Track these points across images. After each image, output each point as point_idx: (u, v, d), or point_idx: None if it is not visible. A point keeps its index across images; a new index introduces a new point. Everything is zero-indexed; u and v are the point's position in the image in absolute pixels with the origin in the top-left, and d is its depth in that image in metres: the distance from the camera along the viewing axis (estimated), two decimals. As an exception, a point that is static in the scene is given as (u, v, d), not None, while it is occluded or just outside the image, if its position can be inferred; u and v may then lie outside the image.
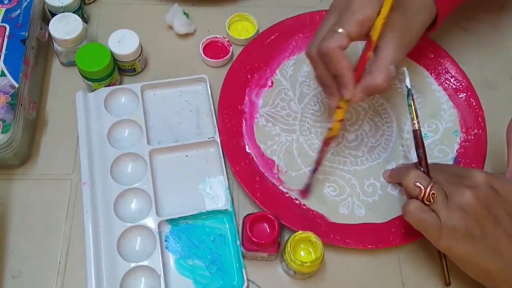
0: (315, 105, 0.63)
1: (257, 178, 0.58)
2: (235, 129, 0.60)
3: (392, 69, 0.50)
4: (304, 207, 0.57)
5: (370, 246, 0.54)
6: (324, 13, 0.67)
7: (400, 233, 0.55)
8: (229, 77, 0.62)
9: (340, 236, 0.55)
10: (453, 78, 0.64)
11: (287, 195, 0.58)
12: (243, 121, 0.61)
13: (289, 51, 0.66)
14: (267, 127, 0.61)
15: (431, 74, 0.65)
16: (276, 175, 0.59)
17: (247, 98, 0.63)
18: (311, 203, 0.57)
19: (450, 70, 0.65)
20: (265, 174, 0.58)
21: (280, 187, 0.58)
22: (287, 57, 0.66)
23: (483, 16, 0.72)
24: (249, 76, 0.64)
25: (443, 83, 0.65)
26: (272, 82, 0.64)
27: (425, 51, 0.66)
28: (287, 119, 0.62)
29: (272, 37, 0.66)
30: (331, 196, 0.58)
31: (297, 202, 0.57)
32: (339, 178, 0.59)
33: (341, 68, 0.49)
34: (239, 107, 0.62)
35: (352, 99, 0.51)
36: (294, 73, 0.65)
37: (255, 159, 0.59)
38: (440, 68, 0.65)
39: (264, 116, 0.62)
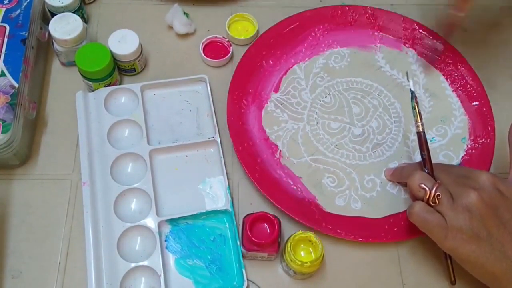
0: (326, 97, 0.63)
1: (258, 160, 0.58)
2: (243, 111, 0.61)
3: None
4: (301, 193, 0.57)
5: (360, 239, 0.54)
6: (347, 8, 0.68)
7: (392, 231, 0.55)
8: (244, 60, 0.63)
9: (332, 225, 0.55)
10: (469, 85, 0.64)
11: (284, 179, 0.58)
12: (252, 104, 0.62)
13: (307, 41, 0.67)
14: (275, 113, 0.62)
15: (446, 80, 0.65)
16: (278, 160, 0.59)
17: (259, 82, 0.63)
18: (308, 191, 0.58)
19: (466, 77, 0.64)
20: (267, 157, 0.59)
21: (279, 171, 0.58)
22: (304, 47, 0.66)
23: (483, 16, 0.72)
24: (264, 62, 0.64)
25: (458, 90, 0.64)
26: (286, 70, 0.65)
27: (444, 56, 0.66)
28: (297, 107, 0.63)
29: (292, 26, 0.66)
30: (329, 186, 0.58)
31: (294, 187, 0.58)
32: (339, 170, 0.59)
33: None
34: (250, 90, 0.62)
35: None
36: (309, 64, 0.65)
37: (258, 141, 0.60)
38: (456, 74, 0.65)
39: (274, 102, 0.63)
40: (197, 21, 0.69)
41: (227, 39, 0.67)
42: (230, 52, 0.66)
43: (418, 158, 0.60)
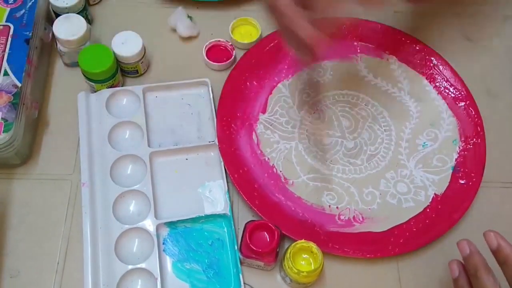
0: (314, 112, 0.63)
1: (256, 186, 0.58)
2: (233, 136, 0.61)
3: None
4: (302, 215, 0.57)
5: (368, 255, 0.54)
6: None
7: (399, 242, 0.55)
8: (228, 84, 0.63)
9: (339, 245, 0.55)
10: (453, 87, 0.64)
11: (284, 202, 0.58)
12: (242, 128, 0.62)
13: (288, 58, 0.66)
14: (266, 134, 0.62)
15: (430, 83, 0.65)
16: (275, 183, 0.59)
17: (246, 105, 0.63)
18: (310, 212, 0.57)
19: (449, 79, 0.65)
20: (264, 181, 0.59)
21: (278, 194, 0.58)
22: (286, 64, 0.66)
23: (486, 26, 0.72)
24: (248, 83, 0.64)
25: (443, 92, 0.65)
26: (271, 89, 0.64)
27: (425, 59, 0.66)
28: (286, 126, 0.62)
29: (272, 44, 0.66)
30: (330, 204, 0.58)
31: (294, 210, 0.57)
32: (337, 186, 0.59)
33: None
34: (238, 114, 0.62)
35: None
36: (293, 81, 0.65)
37: (253, 166, 0.59)
38: (439, 77, 0.65)
39: (263, 123, 0.62)
40: (201, 25, 0.69)
41: (230, 43, 0.67)
42: (233, 56, 0.66)
43: (412, 165, 0.60)
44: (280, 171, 0.59)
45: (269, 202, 0.57)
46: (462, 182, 0.59)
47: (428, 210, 0.58)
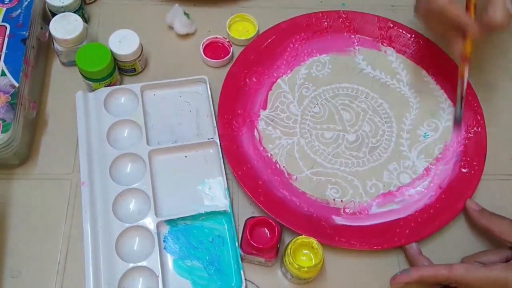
0: (314, 107, 0.63)
1: (260, 182, 0.58)
2: (236, 134, 0.60)
3: (508, 4, 0.51)
4: (308, 210, 0.57)
5: (375, 247, 0.54)
6: (321, 14, 0.67)
7: (404, 233, 0.55)
8: (227, 81, 0.62)
9: (345, 238, 0.55)
10: (451, 77, 0.64)
11: (290, 198, 0.57)
12: (244, 125, 0.61)
13: (286, 53, 0.66)
14: (268, 131, 0.61)
15: (429, 74, 0.65)
16: (279, 179, 0.59)
17: (246, 101, 0.63)
18: (315, 206, 0.57)
19: (448, 69, 0.65)
20: (268, 177, 0.58)
21: (282, 190, 0.58)
22: (285, 60, 0.66)
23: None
24: (247, 80, 0.64)
25: (441, 82, 0.65)
26: (271, 85, 0.64)
27: (423, 50, 0.66)
28: (287, 122, 0.62)
29: (269, 40, 0.66)
30: (334, 197, 0.58)
31: (300, 205, 0.57)
32: (341, 179, 0.59)
33: (457, 18, 0.53)
34: (239, 111, 0.62)
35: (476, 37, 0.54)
36: (292, 76, 0.65)
37: (257, 163, 0.59)
38: (438, 67, 0.65)
39: (264, 120, 0.62)
40: (198, 22, 0.69)
41: (227, 40, 0.67)
42: (231, 53, 0.66)
43: (414, 155, 0.60)
44: (284, 167, 0.59)
45: (274, 198, 0.57)
46: (465, 171, 0.59)
47: (432, 200, 0.58)
